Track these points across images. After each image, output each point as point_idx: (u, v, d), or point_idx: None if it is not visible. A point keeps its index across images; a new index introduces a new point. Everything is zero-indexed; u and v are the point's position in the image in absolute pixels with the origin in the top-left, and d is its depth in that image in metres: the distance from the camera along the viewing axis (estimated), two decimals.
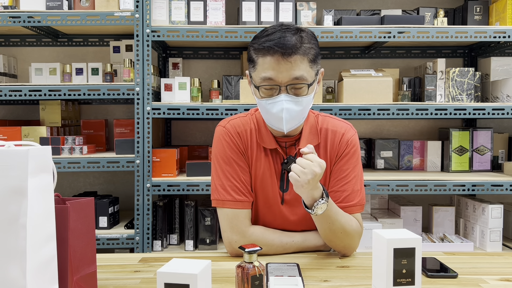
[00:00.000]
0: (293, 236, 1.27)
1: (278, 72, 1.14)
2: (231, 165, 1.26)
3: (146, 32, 1.93)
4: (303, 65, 1.14)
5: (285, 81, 1.15)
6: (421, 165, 2.24)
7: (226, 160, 1.27)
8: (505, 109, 1.95)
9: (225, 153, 1.27)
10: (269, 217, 1.29)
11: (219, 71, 2.44)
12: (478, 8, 2.14)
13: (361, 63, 2.44)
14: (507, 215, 2.14)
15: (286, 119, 1.17)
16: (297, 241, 1.27)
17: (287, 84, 1.15)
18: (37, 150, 0.78)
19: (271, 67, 1.14)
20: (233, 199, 1.24)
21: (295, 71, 1.14)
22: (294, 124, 1.21)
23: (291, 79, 1.14)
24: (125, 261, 1.21)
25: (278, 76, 1.14)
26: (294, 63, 1.13)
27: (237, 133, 1.28)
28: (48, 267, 0.79)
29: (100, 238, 1.94)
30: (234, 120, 1.31)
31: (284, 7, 2.02)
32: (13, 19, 1.94)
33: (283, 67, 1.13)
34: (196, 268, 0.76)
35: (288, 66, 1.13)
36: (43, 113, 2.21)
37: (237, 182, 1.25)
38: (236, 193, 1.24)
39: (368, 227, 1.98)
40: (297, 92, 1.17)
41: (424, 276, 1.08)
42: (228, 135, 1.28)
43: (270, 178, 1.27)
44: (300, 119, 1.21)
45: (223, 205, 1.25)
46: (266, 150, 1.28)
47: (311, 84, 1.17)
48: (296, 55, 1.13)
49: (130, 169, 1.95)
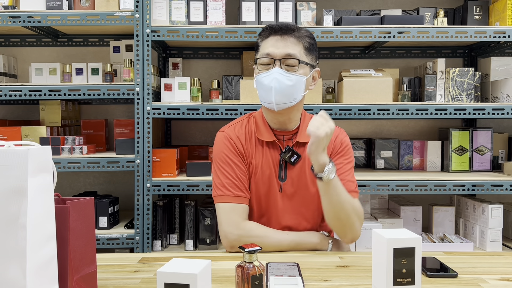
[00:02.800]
0: (288, 233, 1.33)
1: (275, 48, 1.30)
2: (229, 165, 1.35)
3: (146, 32, 1.93)
4: (297, 47, 1.31)
5: (279, 55, 1.30)
6: (421, 165, 2.24)
7: (225, 161, 1.36)
8: (505, 109, 1.95)
9: (224, 155, 1.37)
10: (268, 207, 1.37)
11: (219, 71, 2.44)
12: (478, 8, 2.14)
13: (361, 63, 2.44)
14: (507, 215, 2.14)
15: (276, 89, 1.29)
16: (292, 238, 1.32)
17: (281, 58, 1.30)
18: (37, 150, 0.78)
19: (270, 45, 1.31)
20: (231, 194, 1.33)
21: (289, 49, 1.30)
22: (284, 99, 1.31)
23: (285, 54, 1.29)
24: (125, 261, 1.22)
25: (275, 51, 1.30)
26: (290, 42, 1.30)
27: (237, 136, 1.39)
28: (48, 267, 0.79)
29: (100, 238, 1.95)
30: (234, 125, 1.43)
31: (284, 7, 2.02)
32: (13, 19, 1.94)
33: (280, 44, 1.30)
34: (196, 268, 0.76)
35: (284, 44, 1.30)
36: (43, 113, 2.21)
37: (234, 180, 1.34)
38: (233, 189, 1.33)
39: (368, 227, 1.98)
40: (289, 69, 1.30)
41: (424, 275, 1.08)
42: (227, 138, 1.38)
43: (269, 169, 1.36)
44: (289, 96, 1.31)
45: (221, 200, 1.33)
46: (264, 144, 1.38)
47: (304, 63, 1.31)
48: (292, 37, 1.31)
49: (130, 169, 1.95)
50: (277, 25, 1.32)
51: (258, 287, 0.86)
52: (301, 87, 1.33)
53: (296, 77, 1.30)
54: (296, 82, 1.30)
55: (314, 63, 1.37)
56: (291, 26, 1.32)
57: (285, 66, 1.30)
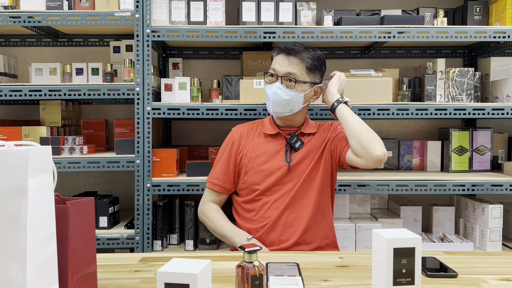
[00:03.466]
0: (225, 223, 1.60)
1: (280, 66, 1.56)
2: (221, 157, 1.68)
3: (146, 32, 1.93)
4: (299, 67, 1.54)
5: (281, 73, 1.55)
6: (421, 165, 2.24)
7: (221, 153, 1.70)
8: (505, 109, 1.95)
9: (223, 148, 1.70)
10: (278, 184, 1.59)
11: (219, 71, 2.44)
12: (478, 8, 2.14)
13: (361, 63, 2.44)
14: (507, 215, 2.14)
15: (273, 101, 1.56)
16: (222, 231, 1.59)
17: (282, 75, 1.55)
18: (37, 150, 0.78)
19: (277, 62, 1.57)
20: (211, 181, 1.68)
21: (290, 68, 1.54)
22: (280, 110, 1.57)
23: (286, 73, 1.54)
24: (125, 261, 1.22)
25: (279, 69, 1.56)
26: (292, 62, 1.54)
27: (240, 132, 1.68)
28: (48, 267, 0.79)
29: (100, 238, 1.95)
30: (246, 123, 1.73)
31: (284, 7, 2.02)
32: (13, 19, 1.94)
33: (284, 62, 1.55)
34: (196, 268, 0.76)
35: (287, 63, 1.55)
36: (43, 113, 2.21)
37: (220, 170, 1.66)
38: (214, 178, 1.67)
39: (368, 227, 1.98)
40: (288, 85, 1.55)
41: (424, 275, 1.08)
42: (231, 135, 1.71)
43: (275, 154, 1.61)
44: (286, 107, 1.56)
45: (207, 183, 1.70)
46: (269, 136, 1.64)
47: (301, 82, 1.54)
48: (296, 58, 1.54)
49: (130, 169, 1.95)
50: (286, 46, 1.55)
51: (258, 287, 0.86)
52: (299, 101, 1.56)
53: (293, 93, 1.54)
54: (293, 97, 1.54)
55: (317, 80, 1.60)
56: (298, 47, 1.55)
57: (286, 82, 1.55)
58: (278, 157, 1.60)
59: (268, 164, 1.60)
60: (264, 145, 1.63)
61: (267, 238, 1.56)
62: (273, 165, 1.59)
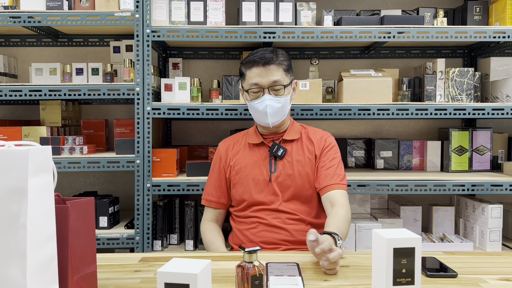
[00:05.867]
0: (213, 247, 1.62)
1: (261, 78, 1.54)
2: (212, 174, 1.72)
3: (146, 32, 1.93)
4: (279, 72, 1.55)
5: (267, 84, 1.54)
6: (420, 165, 2.24)
7: (212, 169, 1.73)
8: (505, 109, 1.95)
9: (213, 165, 1.73)
10: (261, 194, 1.59)
11: (219, 71, 2.44)
12: (478, 8, 2.14)
13: (361, 63, 2.44)
14: (507, 215, 2.14)
15: (270, 113, 1.55)
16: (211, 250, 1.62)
17: (269, 86, 1.54)
18: (37, 150, 0.78)
19: (256, 75, 1.55)
20: (205, 198, 1.71)
21: (273, 76, 1.54)
22: (277, 119, 1.58)
23: (271, 82, 1.54)
24: (125, 261, 1.22)
25: (262, 81, 1.54)
26: (272, 70, 1.54)
27: (225, 147, 1.71)
28: (48, 267, 0.79)
29: (100, 238, 1.95)
30: (231, 137, 1.75)
31: (284, 7, 2.02)
32: (13, 19, 1.94)
33: (264, 73, 1.54)
34: (196, 268, 0.76)
35: (268, 73, 1.54)
36: (43, 113, 2.21)
37: (213, 186, 1.69)
38: (208, 194, 1.71)
39: (368, 227, 1.98)
40: (276, 93, 1.56)
41: (424, 275, 1.08)
42: (218, 151, 1.73)
43: (258, 165, 1.61)
44: (281, 114, 1.58)
45: (202, 201, 1.73)
46: (254, 146, 1.65)
47: (287, 86, 1.56)
48: (273, 64, 1.54)
49: (130, 169, 1.95)
50: (258, 57, 1.54)
51: (258, 287, 0.86)
52: (288, 104, 1.60)
53: (283, 99, 1.56)
54: (284, 102, 1.57)
55: (292, 76, 1.62)
56: (269, 55, 1.54)
57: (273, 91, 1.55)
58: (262, 167, 1.60)
59: (253, 175, 1.60)
60: (249, 156, 1.64)
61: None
62: (257, 175, 1.60)
